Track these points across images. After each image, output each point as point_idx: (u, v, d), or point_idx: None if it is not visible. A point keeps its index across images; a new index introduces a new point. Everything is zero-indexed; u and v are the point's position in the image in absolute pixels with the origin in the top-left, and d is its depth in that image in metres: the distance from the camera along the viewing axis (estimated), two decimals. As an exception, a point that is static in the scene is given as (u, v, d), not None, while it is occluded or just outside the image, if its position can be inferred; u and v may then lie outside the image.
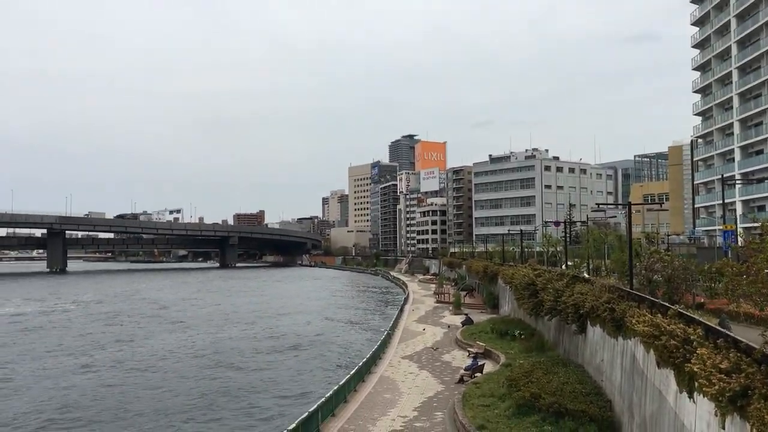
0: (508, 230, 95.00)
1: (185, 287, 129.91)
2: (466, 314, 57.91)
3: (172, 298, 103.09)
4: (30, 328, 64.45)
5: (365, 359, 34.23)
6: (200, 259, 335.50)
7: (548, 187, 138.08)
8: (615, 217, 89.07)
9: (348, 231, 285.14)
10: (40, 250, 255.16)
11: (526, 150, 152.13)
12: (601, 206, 51.34)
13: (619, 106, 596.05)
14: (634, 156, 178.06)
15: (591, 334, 26.10)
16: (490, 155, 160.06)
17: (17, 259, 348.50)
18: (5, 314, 76.19)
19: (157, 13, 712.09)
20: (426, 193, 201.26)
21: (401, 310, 64.73)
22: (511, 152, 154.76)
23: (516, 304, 46.72)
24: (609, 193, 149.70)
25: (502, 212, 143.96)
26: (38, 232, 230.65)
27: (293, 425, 20.51)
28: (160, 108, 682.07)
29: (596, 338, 25.11)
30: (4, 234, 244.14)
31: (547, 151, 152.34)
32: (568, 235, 52.50)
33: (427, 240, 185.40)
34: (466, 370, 32.99)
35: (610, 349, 22.65)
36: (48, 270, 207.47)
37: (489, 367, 34.25)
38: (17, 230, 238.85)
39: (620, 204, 49.16)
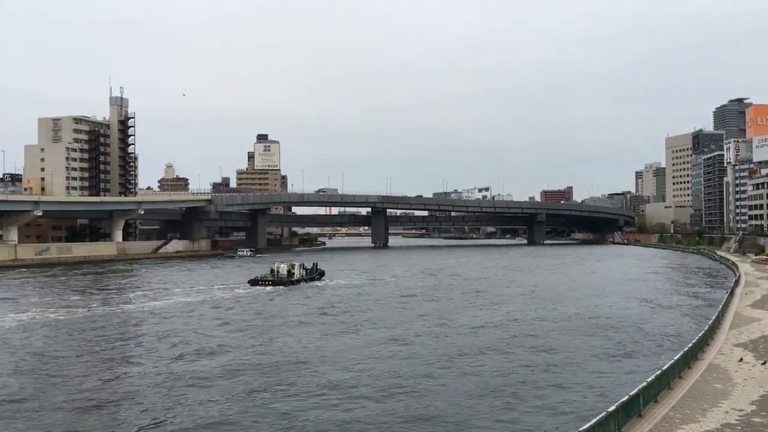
0: None
1: (493, 263, 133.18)
2: (816, 300, 49.68)
3: (480, 273, 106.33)
4: (358, 295, 72.09)
5: (691, 344, 31.17)
6: (508, 236, 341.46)
7: None
8: None
9: (665, 207, 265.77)
10: (366, 227, 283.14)
11: None
12: None
13: None
14: None
15: None
16: None
17: (347, 234, 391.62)
18: (339, 285, 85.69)
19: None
20: (760, 163, 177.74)
21: (731, 294, 57.99)
22: None
23: None
24: None
25: None
26: (363, 211, 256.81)
27: (613, 407, 19.51)
28: (466, 88, 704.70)
29: None
30: (336, 213, 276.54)
31: None
32: None
33: (761, 216, 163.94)
34: (819, 364, 28.18)
35: None
36: (372, 245, 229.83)
37: None
38: (347, 209, 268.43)
39: None
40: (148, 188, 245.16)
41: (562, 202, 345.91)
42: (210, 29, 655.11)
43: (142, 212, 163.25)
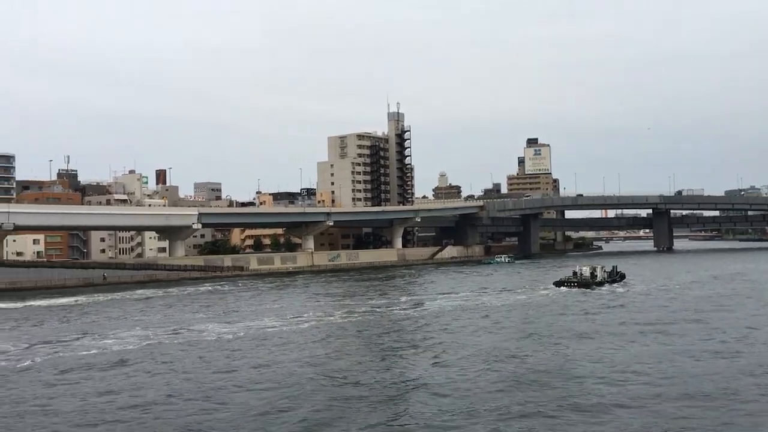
0: None
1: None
2: None
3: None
4: (663, 300, 67.45)
5: None
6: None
7: None
8: None
9: None
10: (647, 230, 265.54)
11: None
12: None
13: None
14: None
15: None
16: None
17: (625, 238, 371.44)
18: (643, 291, 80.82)
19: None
20: None
21: None
22: None
23: None
24: None
25: None
26: (643, 213, 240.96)
27: None
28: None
29: None
30: (613, 215, 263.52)
31: None
32: None
33: None
34: None
35: None
36: (655, 249, 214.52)
37: None
38: (624, 211, 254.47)
39: None
40: (424, 197, 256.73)
41: None
42: (455, 37, 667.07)
43: (419, 220, 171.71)
